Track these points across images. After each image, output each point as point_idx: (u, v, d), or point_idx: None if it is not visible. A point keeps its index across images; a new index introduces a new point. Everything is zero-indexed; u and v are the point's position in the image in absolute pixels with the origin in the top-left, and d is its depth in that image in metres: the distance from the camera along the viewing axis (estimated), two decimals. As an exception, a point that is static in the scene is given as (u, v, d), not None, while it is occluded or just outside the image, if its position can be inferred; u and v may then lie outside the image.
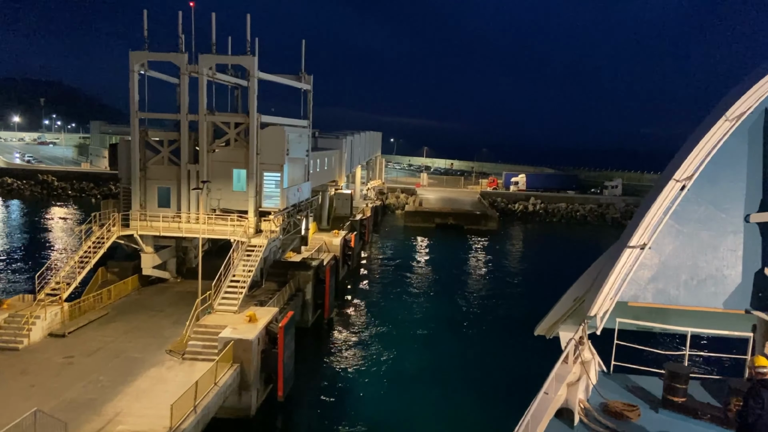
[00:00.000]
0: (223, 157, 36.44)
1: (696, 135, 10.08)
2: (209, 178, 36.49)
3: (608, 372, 11.58)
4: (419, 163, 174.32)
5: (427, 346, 38.66)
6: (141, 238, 35.63)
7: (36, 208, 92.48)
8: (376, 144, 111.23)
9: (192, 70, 35.08)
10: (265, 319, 28.44)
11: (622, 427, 9.49)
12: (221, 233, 35.11)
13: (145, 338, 28.91)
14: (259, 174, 36.58)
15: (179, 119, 35.68)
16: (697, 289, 9.99)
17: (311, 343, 36.93)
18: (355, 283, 53.15)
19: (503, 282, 57.11)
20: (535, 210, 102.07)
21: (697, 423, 9.89)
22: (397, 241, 74.32)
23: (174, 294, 36.92)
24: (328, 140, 65.89)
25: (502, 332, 42.02)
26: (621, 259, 9.64)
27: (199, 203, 36.13)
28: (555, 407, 9.68)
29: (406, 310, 46.19)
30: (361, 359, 35.55)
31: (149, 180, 36.80)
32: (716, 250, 9.95)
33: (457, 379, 33.24)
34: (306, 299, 38.53)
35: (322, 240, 51.20)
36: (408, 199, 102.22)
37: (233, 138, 36.32)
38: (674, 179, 9.74)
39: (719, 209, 9.99)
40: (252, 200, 35.99)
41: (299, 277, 38.44)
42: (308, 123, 44.43)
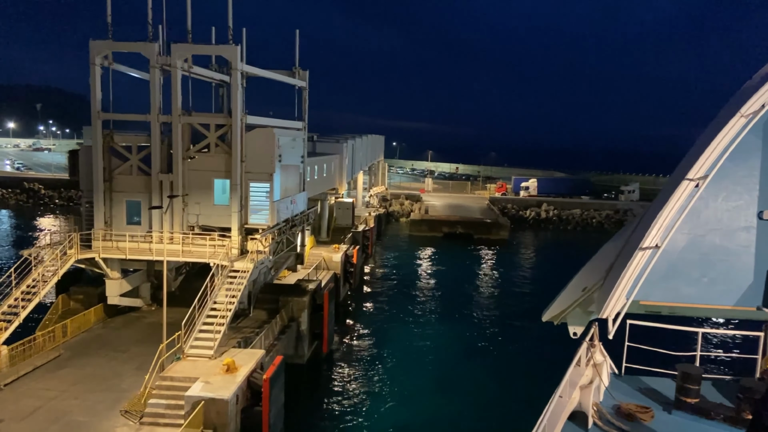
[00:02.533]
0: (202, 165, 30.89)
1: (709, 133, 9.78)
2: (186, 190, 30.94)
3: (620, 374, 11.67)
4: (423, 167, 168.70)
5: (441, 383, 33.10)
6: (105, 261, 30.06)
7: (18, 219, 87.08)
8: (379, 148, 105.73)
9: (164, 63, 29.58)
10: (248, 367, 22.84)
11: (635, 428, 9.51)
12: (199, 255, 29.53)
13: (98, 392, 23.31)
14: (245, 185, 31.01)
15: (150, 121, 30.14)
16: (708, 287, 9.84)
17: (306, 387, 31.27)
18: (357, 304, 47.50)
19: (519, 298, 51.43)
20: (547, 217, 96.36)
21: (710, 424, 9.84)
22: (403, 253, 68.69)
23: (145, 326, 31.33)
24: (327, 144, 60.47)
25: (523, 357, 36.74)
26: (633, 261, 9.36)
27: (173, 220, 30.58)
28: (569, 410, 9.71)
29: (415, 335, 40.61)
30: (368, 405, 29.91)
31: (116, 192, 31.26)
32: (728, 248, 9.77)
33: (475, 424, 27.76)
34: (301, 330, 32.92)
35: (320, 256, 45.67)
36: (413, 206, 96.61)
37: (214, 142, 30.78)
38: (687, 178, 9.46)
39: (732, 206, 9.81)
40: (236, 216, 30.40)
41: (293, 304, 32.84)
42: (303, 125, 38.90)
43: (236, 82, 29.51)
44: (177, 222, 30.65)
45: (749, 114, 9.46)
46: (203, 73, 34.46)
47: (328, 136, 70.77)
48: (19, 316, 25.63)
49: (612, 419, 9.86)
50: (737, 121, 9.48)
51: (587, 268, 11.34)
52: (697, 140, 10.23)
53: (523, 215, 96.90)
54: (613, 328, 9.44)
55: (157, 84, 29.80)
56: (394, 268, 60.34)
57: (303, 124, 38.80)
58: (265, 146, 31.01)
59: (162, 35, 30.88)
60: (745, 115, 9.47)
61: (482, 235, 79.15)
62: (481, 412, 29.68)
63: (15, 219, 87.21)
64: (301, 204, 37.79)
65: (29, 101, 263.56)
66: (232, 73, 29.74)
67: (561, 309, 11.33)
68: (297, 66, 37.89)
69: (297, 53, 37.63)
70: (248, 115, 31.53)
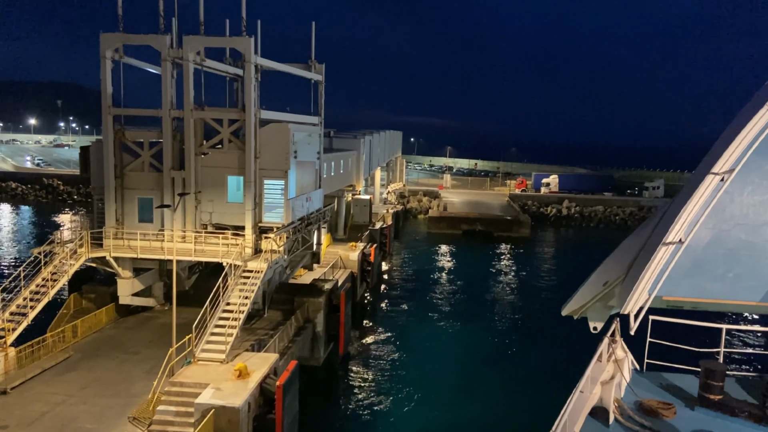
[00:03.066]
0: (215, 162, 29.95)
1: (735, 125, 9.44)
2: (199, 187, 30.04)
3: (642, 370, 11.60)
4: (441, 163, 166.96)
5: (461, 383, 32.06)
6: (116, 260, 29.30)
7: (38, 215, 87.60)
8: (397, 144, 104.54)
9: (175, 56, 28.64)
10: (261, 373, 21.83)
11: (657, 425, 9.44)
12: (212, 255, 28.62)
13: (107, 397, 22.50)
14: (259, 182, 30.02)
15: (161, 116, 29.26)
16: (734, 283, 9.55)
17: (322, 390, 30.28)
18: (375, 304, 46.41)
19: (540, 296, 49.89)
20: (569, 214, 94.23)
21: (734, 421, 9.78)
22: (421, 251, 67.40)
23: (157, 327, 30.55)
24: (344, 140, 59.42)
25: (545, 355, 35.56)
26: (656, 256, 9.08)
27: (185, 218, 29.70)
28: (590, 406, 9.70)
29: (434, 336, 39.43)
30: (386, 410, 28.83)
31: (127, 189, 30.47)
32: (754, 243, 9.47)
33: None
34: (317, 332, 31.89)
35: (337, 254, 44.63)
36: (431, 202, 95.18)
37: (227, 138, 29.82)
38: (712, 173, 9.14)
39: (758, 201, 9.47)
40: (250, 214, 29.42)
41: (308, 305, 31.80)
42: (320, 120, 37.81)
43: (250, 76, 28.47)
44: (189, 220, 29.76)
45: None
46: (217, 67, 33.52)
47: (346, 132, 69.77)
48: (28, 317, 24.95)
49: (633, 415, 9.74)
50: (765, 113, 9.20)
51: (608, 263, 11.12)
52: (722, 133, 10.01)
53: (544, 212, 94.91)
54: (635, 324, 9.19)
55: (169, 78, 28.90)
56: (413, 267, 59.14)
57: (319, 120, 37.71)
58: (280, 142, 29.97)
59: (174, 28, 29.98)
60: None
61: (502, 233, 77.53)
62: (501, 411, 28.81)
63: (33, 215, 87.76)
64: (317, 201, 36.74)
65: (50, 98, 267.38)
66: (245, 66, 28.71)
67: (581, 303, 11.17)
68: (313, 59, 36.79)
69: (313, 46, 36.54)
70: (263, 110, 30.51)
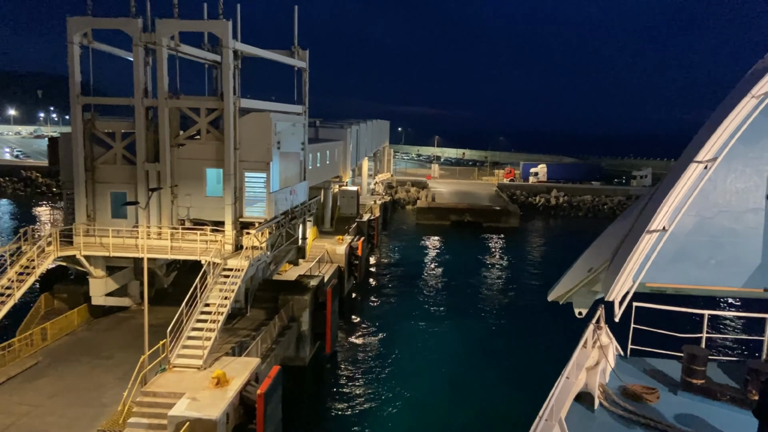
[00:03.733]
0: (192, 154, 28.30)
1: (719, 114, 9.61)
2: (175, 180, 28.40)
3: (626, 355, 11.74)
4: (429, 153, 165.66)
5: (451, 378, 31.33)
6: (87, 259, 27.65)
7: (13, 208, 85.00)
8: (384, 134, 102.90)
9: (148, 41, 26.87)
10: (241, 380, 20.45)
11: (641, 409, 9.58)
12: (189, 252, 27.06)
13: (76, 407, 20.98)
14: (240, 174, 28.44)
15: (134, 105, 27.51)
16: (716, 270, 9.69)
17: (308, 392, 29.01)
18: (363, 299, 45.13)
19: (530, 288, 49.02)
20: (558, 203, 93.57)
21: (716, 404, 9.94)
22: (410, 243, 66.18)
23: (134, 328, 28.96)
24: (330, 130, 57.75)
25: (533, 347, 35.10)
26: (641, 244, 9.21)
27: (161, 213, 28.09)
28: (576, 391, 9.79)
29: (423, 330, 38.34)
30: (374, 410, 27.67)
31: (99, 183, 28.74)
32: (737, 230, 9.69)
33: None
34: (302, 331, 30.55)
35: (323, 248, 43.28)
36: (419, 193, 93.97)
37: (205, 129, 28.15)
38: (696, 161, 9.31)
39: (740, 188, 9.65)
40: (230, 208, 27.86)
41: (293, 303, 30.43)
42: (304, 109, 36.20)
43: (227, 62, 26.77)
44: (165, 215, 28.14)
45: (760, 95, 9.28)
46: (193, 53, 31.74)
47: (332, 121, 68.10)
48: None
49: (618, 400, 9.91)
50: (748, 102, 9.32)
51: (593, 249, 11.28)
52: (706, 122, 10.08)
53: (532, 202, 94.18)
54: (619, 311, 9.23)
55: (142, 64, 27.14)
56: (401, 259, 57.91)
57: (303, 109, 36.09)
58: (261, 132, 28.37)
59: (147, 11, 28.15)
60: (756, 96, 9.29)
61: (491, 223, 76.66)
62: (491, 401, 28.60)
63: (10, 209, 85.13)
64: (302, 194, 35.23)
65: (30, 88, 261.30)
66: (222, 51, 27.00)
67: (566, 289, 11.31)
68: (296, 45, 35.08)
69: (296, 31, 34.80)
70: (243, 99, 28.87)
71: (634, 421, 9.51)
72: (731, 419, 9.67)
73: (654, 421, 9.42)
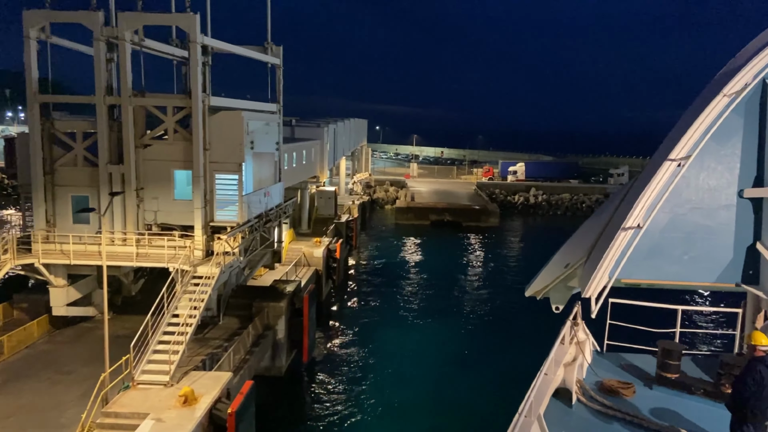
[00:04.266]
0: (158, 155, 26.80)
1: (692, 113, 9.81)
2: (141, 183, 26.87)
3: (602, 351, 11.97)
4: (407, 151, 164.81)
5: (434, 384, 30.39)
6: (47, 267, 25.98)
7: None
8: (362, 132, 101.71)
9: (109, 35, 25.28)
10: (211, 396, 19.15)
11: (617, 404, 9.79)
12: (157, 259, 25.58)
13: (32, 428, 19.45)
14: (210, 176, 27.02)
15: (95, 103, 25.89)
16: (689, 265, 9.89)
17: (284, 405, 27.72)
18: (341, 303, 43.91)
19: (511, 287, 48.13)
20: (536, 202, 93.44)
21: (690, 398, 10.23)
22: (389, 244, 65.11)
23: (99, 339, 26.94)
24: (307, 129, 56.39)
25: (515, 347, 34.26)
26: (616, 241, 9.35)
27: (126, 218, 26.53)
28: (554, 387, 9.96)
29: (405, 335, 37.32)
30: (355, 421, 26.52)
31: (59, 187, 27.06)
32: (709, 226, 9.93)
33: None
34: (278, 339, 29.27)
35: (300, 251, 41.94)
36: (398, 192, 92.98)
37: (172, 128, 26.67)
38: (669, 159, 9.45)
39: (713, 185, 9.87)
40: (199, 212, 26.42)
41: (268, 310, 29.11)
42: (278, 107, 34.84)
43: (195, 57, 25.33)
44: (131, 220, 26.59)
45: (732, 93, 9.49)
46: (159, 48, 30.17)
47: (308, 120, 66.70)
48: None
49: (595, 395, 10.09)
50: (720, 100, 9.50)
51: (569, 245, 11.43)
52: (679, 120, 10.21)
53: (511, 201, 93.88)
54: (596, 308, 9.37)
55: (103, 60, 25.54)
56: (381, 261, 56.80)
57: (278, 107, 34.73)
58: (233, 132, 26.99)
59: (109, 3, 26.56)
60: (728, 94, 9.49)
61: (471, 223, 76.00)
62: (472, 402, 28.03)
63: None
64: (277, 196, 33.91)
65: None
66: (189, 46, 25.56)
67: (543, 285, 11.44)
68: (269, 41, 33.70)
69: (269, 26, 33.44)
70: (213, 97, 27.46)
71: (611, 416, 9.71)
72: (705, 412, 9.85)
73: (630, 416, 9.61)
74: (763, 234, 9.96)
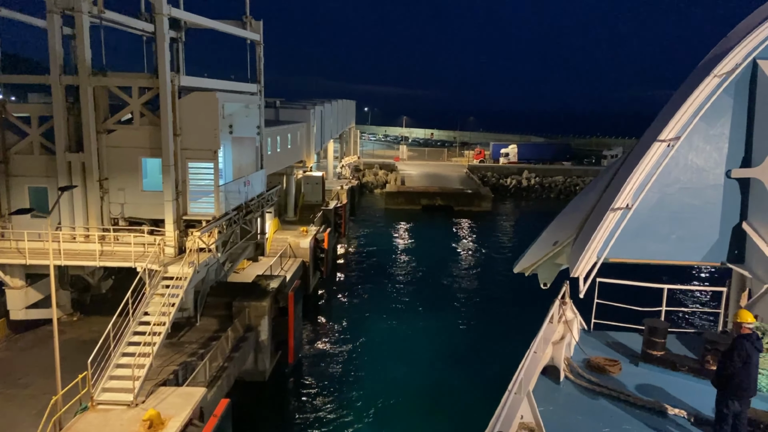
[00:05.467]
0: (124, 141, 24.10)
1: (682, 93, 9.85)
2: (105, 173, 24.20)
3: (589, 329, 12.24)
4: (396, 133, 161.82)
5: (427, 380, 28.80)
6: (2, 267, 23.36)
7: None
8: (350, 114, 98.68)
9: (64, 6, 22.37)
10: (180, 419, 16.86)
11: (604, 381, 10.00)
12: (123, 258, 23.04)
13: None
14: (182, 165, 24.40)
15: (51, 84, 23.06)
16: (677, 244, 10.08)
17: (267, 411, 25.54)
18: (329, 296, 41.65)
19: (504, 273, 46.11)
20: (529, 185, 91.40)
21: (675, 375, 10.38)
22: (379, 230, 62.80)
23: (64, 344, 24.81)
24: (292, 111, 53.59)
25: (507, 329, 32.65)
26: (605, 222, 9.54)
27: (88, 212, 23.90)
28: (542, 365, 10.22)
29: (396, 328, 35.32)
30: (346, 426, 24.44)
31: (14, 177, 24.34)
32: (696, 206, 10.01)
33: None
34: (260, 341, 26.95)
35: (286, 242, 39.51)
36: (388, 176, 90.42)
37: (138, 111, 23.93)
38: (659, 140, 9.57)
39: (701, 165, 9.97)
40: (170, 205, 23.84)
41: (250, 310, 26.73)
42: (259, 88, 32.08)
43: (162, 32, 22.49)
44: (94, 215, 23.96)
45: (722, 74, 9.55)
46: (126, 23, 27.19)
47: (294, 101, 63.75)
48: None
49: (582, 372, 10.24)
50: (710, 81, 9.57)
51: (557, 223, 11.56)
52: (669, 101, 10.18)
53: (503, 184, 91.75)
54: (584, 287, 9.54)
55: (58, 34, 22.65)
56: (370, 249, 54.50)
57: (258, 87, 31.97)
58: (206, 115, 24.30)
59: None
60: (718, 75, 9.55)
61: (463, 207, 73.84)
62: (463, 401, 26.31)
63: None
64: (259, 185, 31.34)
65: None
66: (155, 18, 22.72)
67: (532, 261, 11.55)
68: (248, 14, 30.82)
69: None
70: (185, 77, 24.74)
71: (598, 393, 9.79)
72: (690, 389, 9.95)
73: (617, 392, 9.68)
74: (749, 214, 9.99)
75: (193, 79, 25.58)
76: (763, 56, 9.68)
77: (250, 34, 30.71)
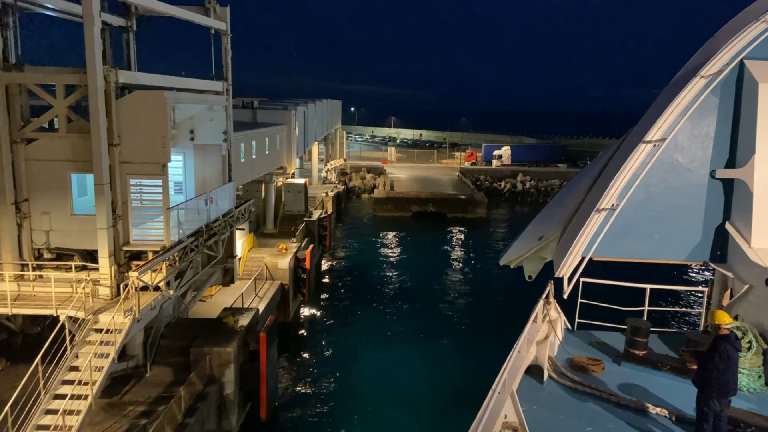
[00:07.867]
0: (47, 153, 19.08)
1: (667, 94, 9.85)
2: (25, 192, 19.19)
3: (573, 329, 12.32)
4: (384, 134, 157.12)
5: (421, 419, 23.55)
6: None
7: None
8: (336, 115, 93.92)
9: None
10: None
11: (587, 380, 10.12)
12: (43, 302, 18.06)
13: None
14: (122, 182, 19.44)
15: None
16: (660, 243, 10.18)
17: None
18: (312, 324, 36.79)
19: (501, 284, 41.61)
20: (524, 189, 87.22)
21: (657, 374, 10.49)
22: (367, 241, 58.04)
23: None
24: (272, 112, 48.76)
25: (498, 334, 27.37)
26: (590, 223, 9.52)
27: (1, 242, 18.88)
28: (526, 364, 10.30)
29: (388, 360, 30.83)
30: None
31: None
32: (680, 205, 10.06)
33: None
34: (225, 394, 22.12)
35: (263, 261, 34.69)
36: (376, 180, 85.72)
37: (64, 115, 18.93)
38: (645, 141, 9.56)
39: (686, 165, 9.97)
40: (105, 234, 18.84)
41: (212, 358, 21.87)
42: (226, 86, 27.15)
43: (90, 11, 17.47)
44: (8, 247, 18.91)
45: (709, 75, 9.59)
46: (61, 8, 22.17)
47: (275, 101, 58.86)
48: None
49: (566, 371, 10.38)
50: (697, 82, 9.61)
51: (542, 216, 12.01)
52: (654, 102, 10.31)
53: (497, 187, 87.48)
54: (568, 288, 9.60)
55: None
56: (358, 264, 49.70)
57: (225, 86, 27.07)
58: (153, 120, 19.34)
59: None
60: (705, 76, 9.60)
61: (457, 214, 69.36)
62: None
63: None
64: (226, 201, 26.45)
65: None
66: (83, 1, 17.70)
67: (517, 255, 11.89)
68: (212, 0, 25.93)
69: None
70: (124, 71, 19.81)
71: (581, 392, 9.89)
72: (671, 388, 10.04)
73: (599, 391, 9.76)
74: (732, 214, 10.16)
75: (139, 75, 20.68)
76: (749, 57, 9.63)
77: (215, 23, 25.80)
